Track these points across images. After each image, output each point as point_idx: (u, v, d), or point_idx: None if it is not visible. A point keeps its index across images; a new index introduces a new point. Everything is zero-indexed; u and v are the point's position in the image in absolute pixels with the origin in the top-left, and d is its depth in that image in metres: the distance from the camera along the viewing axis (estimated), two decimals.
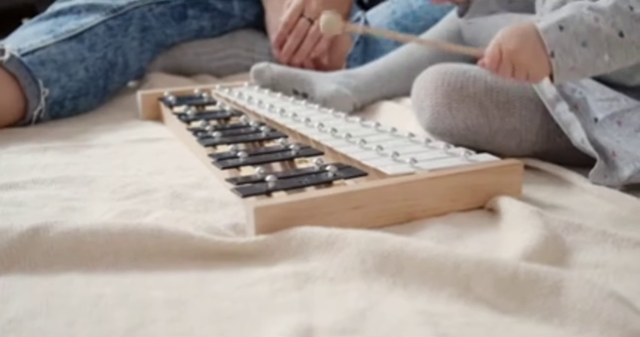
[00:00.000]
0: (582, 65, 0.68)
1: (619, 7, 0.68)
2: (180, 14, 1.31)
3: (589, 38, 0.67)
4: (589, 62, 0.68)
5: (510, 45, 0.69)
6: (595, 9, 0.68)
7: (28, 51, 1.01)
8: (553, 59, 0.68)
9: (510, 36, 0.69)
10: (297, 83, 1.09)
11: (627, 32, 0.67)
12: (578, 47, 0.68)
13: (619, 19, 0.67)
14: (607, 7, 0.68)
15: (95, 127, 1.02)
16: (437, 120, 0.82)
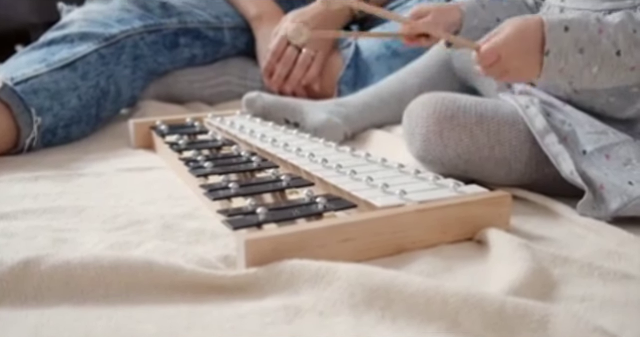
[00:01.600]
0: (570, 69, 0.70)
1: (625, 26, 0.70)
2: (172, 42, 1.32)
3: (587, 46, 0.70)
4: (578, 69, 0.70)
5: (508, 51, 0.71)
6: (602, 21, 0.70)
7: (21, 80, 1.02)
8: (546, 58, 0.70)
9: (512, 41, 0.71)
10: (288, 112, 1.10)
11: (623, 53, 0.70)
12: (574, 52, 0.70)
13: (621, 37, 0.70)
14: (614, 23, 0.70)
15: (87, 156, 1.02)
16: (428, 148, 0.83)
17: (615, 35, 0.69)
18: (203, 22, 1.38)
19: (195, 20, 1.36)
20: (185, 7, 1.37)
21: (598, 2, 0.78)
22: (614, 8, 0.77)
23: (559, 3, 0.83)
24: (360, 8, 0.78)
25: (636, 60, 0.70)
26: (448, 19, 0.96)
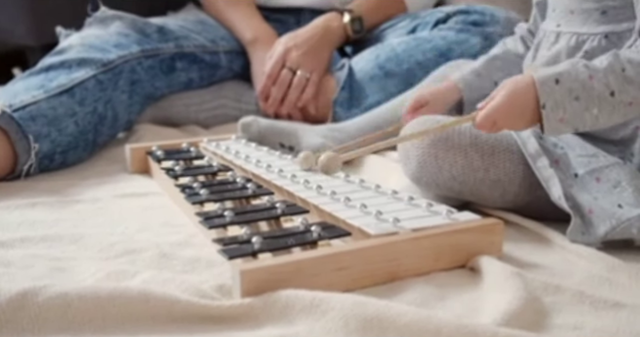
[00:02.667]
0: (570, 116, 0.72)
1: (613, 67, 0.71)
2: (169, 66, 1.33)
3: (581, 94, 0.71)
4: (578, 115, 0.72)
5: (502, 116, 0.73)
6: (590, 68, 0.72)
7: (19, 107, 1.03)
8: (544, 111, 0.72)
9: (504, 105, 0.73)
10: (283, 137, 1.11)
11: (617, 92, 0.71)
12: (570, 100, 0.72)
13: (612, 78, 0.71)
14: (602, 68, 0.72)
15: (84, 181, 1.03)
16: (423, 170, 0.84)
17: (606, 78, 0.71)
18: (199, 46, 1.39)
19: (192, 44, 1.38)
20: (182, 31, 1.38)
21: (594, 26, 0.79)
22: (611, 31, 0.78)
23: (555, 28, 0.84)
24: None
25: (632, 96, 0.71)
26: (447, 102, 1.00)
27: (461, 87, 0.98)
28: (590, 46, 0.80)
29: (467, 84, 0.99)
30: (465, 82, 0.99)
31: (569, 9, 0.81)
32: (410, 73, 1.19)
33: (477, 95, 0.98)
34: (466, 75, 0.99)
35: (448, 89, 1.00)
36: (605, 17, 0.78)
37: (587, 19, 0.80)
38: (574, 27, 0.81)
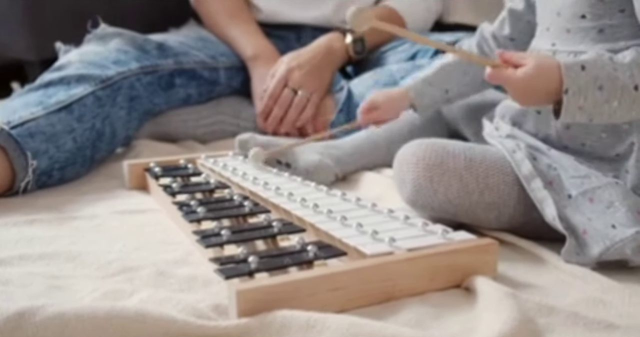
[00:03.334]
0: (590, 105, 0.72)
1: (637, 61, 0.72)
2: (168, 83, 1.34)
3: (605, 83, 0.71)
4: (598, 105, 0.72)
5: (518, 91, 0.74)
6: (614, 60, 0.72)
7: (18, 124, 1.03)
8: (565, 96, 0.71)
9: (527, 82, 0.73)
10: (280, 154, 1.11)
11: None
12: (593, 89, 0.71)
13: (636, 72, 0.72)
14: (626, 62, 0.72)
15: (82, 197, 1.04)
16: (419, 193, 0.85)
17: (631, 71, 0.72)
18: (199, 63, 1.40)
19: (191, 60, 1.39)
20: (182, 47, 1.39)
21: (591, 44, 0.80)
22: (608, 49, 0.79)
23: (550, 47, 0.85)
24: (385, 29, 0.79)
25: None
26: (398, 107, 1.06)
27: (412, 95, 1.04)
28: None
29: (418, 93, 1.03)
30: (417, 91, 1.04)
31: (565, 28, 0.82)
32: None
33: (428, 102, 1.04)
34: (418, 83, 1.04)
35: (400, 96, 1.05)
36: (602, 35, 0.79)
37: (584, 38, 0.80)
38: (570, 46, 0.81)
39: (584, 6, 0.79)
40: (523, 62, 0.73)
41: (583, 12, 0.80)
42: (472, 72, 1.01)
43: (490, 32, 1.00)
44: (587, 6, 0.79)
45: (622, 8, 0.78)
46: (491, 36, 1.00)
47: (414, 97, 1.03)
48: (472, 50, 1.01)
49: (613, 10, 0.78)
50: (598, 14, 0.79)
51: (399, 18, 1.47)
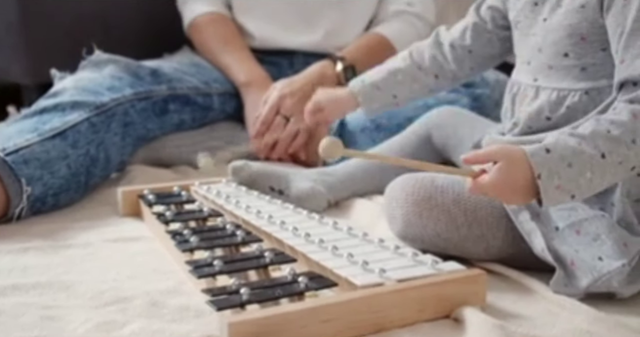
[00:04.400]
0: (566, 183, 0.71)
1: (597, 131, 0.72)
2: (162, 108, 1.35)
3: (573, 160, 0.71)
4: (573, 180, 0.72)
5: (497, 194, 0.73)
6: (576, 135, 0.73)
7: (12, 150, 1.04)
8: (540, 181, 0.71)
9: (500, 184, 0.72)
10: (273, 180, 1.13)
11: (608, 153, 0.72)
12: (564, 167, 0.71)
13: (600, 142, 0.72)
14: (587, 133, 0.72)
15: (76, 224, 1.04)
16: (408, 228, 0.86)
17: (595, 142, 0.71)
18: (192, 88, 1.41)
19: (185, 86, 1.40)
20: (176, 73, 1.41)
21: (574, 82, 0.82)
22: (591, 87, 0.81)
23: (532, 82, 0.87)
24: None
25: (621, 155, 0.72)
26: (345, 110, 1.09)
27: (360, 100, 1.06)
28: (571, 101, 0.82)
29: (367, 97, 1.05)
30: (365, 95, 1.05)
31: (547, 65, 0.84)
32: (400, 128, 1.21)
33: (377, 107, 1.05)
34: (366, 87, 1.05)
35: (346, 99, 1.07)
36: (584, 73, 0.81)
37: (567, 75, 0.82)
38: (553, 83, 0.83)
39: (567, 45, 0.81)
40: (492, 158, 0.73)
41: (566, 50, 0.81)
42: (421, 80, 1.02)
43: (448, 40, 1.01)
44: (570, 45, 0.81)
45: (603, 47, 0.79)
46: (449, 44, 1.01)
47: (362, 102, 1.05)
48: (424, 59, 1.02)
49: (595, 49, 0.80)
50: (580, 52, 0.81)
51: (389, 45, 1.49)
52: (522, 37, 0.89)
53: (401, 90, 1.04)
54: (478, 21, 0.99)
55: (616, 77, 0.76)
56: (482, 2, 1.00)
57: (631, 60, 0.74)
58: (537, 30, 0.85)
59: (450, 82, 1.06)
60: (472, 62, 1.02)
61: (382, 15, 1.55)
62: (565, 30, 0.81)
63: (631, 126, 0.72)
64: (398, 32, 1.51)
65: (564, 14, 0.81)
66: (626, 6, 0.76)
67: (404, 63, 1.04)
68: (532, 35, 0.86)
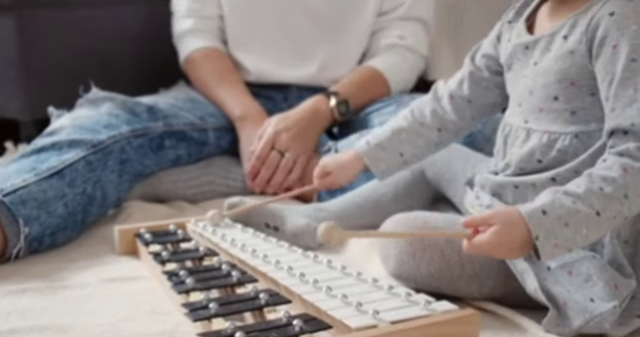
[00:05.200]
0: (562, 241, 0.73)
1: (591, 190, 0.74)
2: (158, 145, 1.37)
3: (569, 219, 0.73)
4: (569, 238, 0.73)
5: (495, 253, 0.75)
6: (571, 194, 0.74)
7: (10, 191, 1.06)
8: (538, 242, 0.73)
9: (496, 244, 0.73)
10: (269, 217, 1.14)
11: (602, 211, 0.73)
12: (560, 227, 0.73)
13: (594, 200, 0.73)
14: (581, 192, 0.74)
15: (73, 264, 1.05)
16: (402, 267, 0.87)
17: (589, 200, 0.73)
18: (188, 124, 1.43)
19: (181, 122, 1.42)
20: (172, 109, 1.43)
21: (564, 125, 0.83)
22: (581, 131, 0.82)
23: (524, 124, 0.88)
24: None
25: (615, 210, 0.73)
26: (351, 173, 1.06)
27: (367, 161, 1.04)
28: (562, 145, 0.83)
29: (373, 159, 1.03)
30: (371, 157, 1.03)
31: (537, 107, 0.85)
32: None
33: (385, 168, 1.04)
34: (371, 149, 1.04)
35: (353, 160, 1.06)
36: (574, 117, 0.82)
37: (557, 119, 0.83)
38: (544, 126, 0.84)
39: (557, 89, 0.83)
40: (490, 222, 0.74)
41: (556, 94, 0.83)
42: (424, 135, 1.02)
43: (447, 92, 1.01)
44: (560, 89, 0.82)
45: (592, 92, 0.81)
46: (448, 95, 1.00)
47: (370, 163, 1.03)
48: (425, 116, 1.02)
49: (584, 94, 0.81)
50: (570, 97, 0.82)
51: (382, 78, 1.51)
52: (514, 80, 0.91)
53: (406, 148, 1.03)
54: (474, 70, 0.99)
55: (607, 124, 0.78)
56: (476, 51, 1.01)
57: (622, 109, 0.76)
58: (528, 73, 0.87)
59: (454, 134, 1.04)
60: (473, 111, 1.01)
61: (375, 49, 1.57)
62: (555, 74, 0.83)
63: (622, 182, 0.73)
64: (391, 66, 1.53)
65: (553, 58, 0.83)
66: (615, 54, 0.77)
67: (406, 121, 1.03)
68: (523, 78, 0.88)
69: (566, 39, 0.81)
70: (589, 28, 0.79)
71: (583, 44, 0.80)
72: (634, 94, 0.75)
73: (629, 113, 0.75)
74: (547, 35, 0.84)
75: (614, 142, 0.76)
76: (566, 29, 0.82)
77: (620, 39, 0.77)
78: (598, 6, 0.80)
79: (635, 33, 0.76)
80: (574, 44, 0.80)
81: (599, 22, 0.78)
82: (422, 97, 1.06)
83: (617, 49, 0.77)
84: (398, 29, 1.55)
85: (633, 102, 0.75)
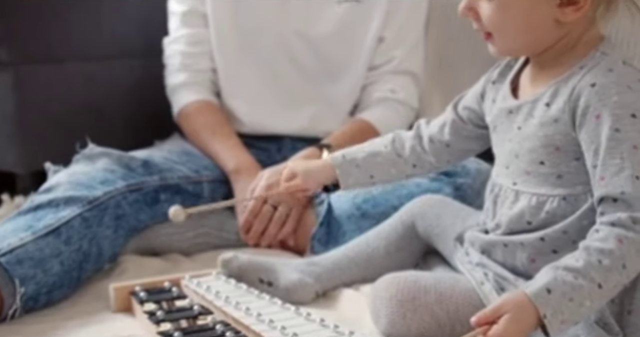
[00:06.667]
0: (569, 316, 0.75)
1: (590, 263, 0.76)
2: (153, 199, 1.38)
3: (573, 294, 0.75)
4: (575, 312, 0.76)
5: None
6: (571, 269, 0.76)
7: (7, 251, 1.07)
8: (546, 320, 0.75)
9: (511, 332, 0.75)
10: (262, 272, 1.15)
11: (603, 283, 0.76)
12: (565, 303, 0.75)
13: (594, 273, 0.76)
14: (581, 266, 0.76)
15: (67, 323, 1.06)
16: (393, 328, 0.89)
17: (590, 275, 0.75)
18: (183, 178, 1.45)
19: (176, 176, 1.44)
20: (167, 163, 1.45)
21: (551, 188, 0.85)
22: (568, 194, 0.84)
23: (512, 186, 0.90)
24: None
25: (615, 280, 0.76)
26: (319, 179, 1.08)
27: (338, 172, 1.06)
28: (550, 207, 0.85)
29: (344, 172, 1.06)
30: (343, 170, 1.06)
31: (524, 170, 0.87)
32: (384, 215, 1.24)
33: (352, 183, 1.07)
34: (346, 162, 1.06)
35: (324, 168, 1.08)
36: (561, 180, 0.85)
37: (545, 182, 0.86)
38: (532, 188, 0.87)
39: (542, 154, 0.85)
40: (500, 313, 0.76)
41: (541, 159, 0.85)
42: (399, 166, 1.05)
43: (427, 133, 1.05)
44: (545, 154, 0.85)
45: (577, 157, 0.83)
46: (428, 137, 1.04)
47: (339, 175, 1.06)
48: (404, 149, 1.06)
49: (569, 158, 0.84)
50: (556, 161, 0.85)
51: (374, 130, 1.54)
52: (499, 142, 0.93)
53: (379, 172, 1.06)
54: (456, 119, 1.03)
55: (596, 191, 0.80)
56: (459, 100, 1.04)
57: (610, 177, 0.78)
58: (513, 137, 0.89)
59: (427, 171, 1.10)
60: (450, 155, 1.06)
61: (367, 102, 1.60)
62: (540, 140, 0.85)
63: (619, 253, 0.76)
64: (382, 119, 1.56)
65: (537, 125, 0.86)
66: (599, 125, 0.80)
67: (385, 149, 1.07)
68: (508, 141, 0.90)
69: (549, 106, 0.84)
70: (571, 98, 0.82)
71: (566, 112, 0.82)
72: (622, 163, 0.78)
73: (617, 182, 0.77)
74: (530, 102, 0.87)
75: (603, 209, 0.79)
76: (548, 96, 0.85)
77: (603, 109, 0.79)
78: (579, 76, 0.82)
79: (617, 104, 0.79)
80: (558, 112, 0.83)
81: (581, 92, 0.81)
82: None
83: (600, 119, 0.79)
84: (389, 83, 1.58)
85: (621, 171, 0.78)
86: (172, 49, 1.61)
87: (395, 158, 1.06)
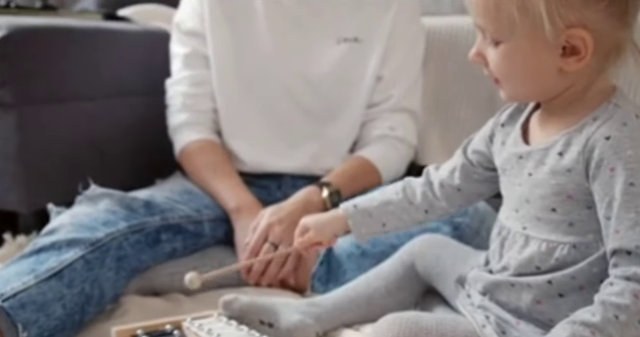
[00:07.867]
0: None
1: (607, 318, 0.77)
2: (154, 239, 1.39)
3: None
4: None
5: None
6: (588, 324, 0.77)
7: (10, 296, 1.08)
8: None
9: None
10: (263, 314, 1.16)
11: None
12: None
13: (611, 329, 0.77)
14: (598, 322, 0.77)
15: None
16: None
17: (607, 330, 0.76)
18: (184, 217, 1.46)
19: (177, 215, 1.45)
20: (168, 203, 1.46)
21: (562, 235, 0.86)
22: (578, 242, 0.85)
23: (522, 231, 0.90)
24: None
25: (633, 335, 0.77)
26: (331, 231, 1.11)
27: (351, 223, 1.08)
28: (560, 254, 0.86)
29: (357, 223, 1.08)
30: (355, 220, 1.08)
31: (535, 216, 0.88)
32: (384, 254, 1.25)
33: (366, 232, 1.08)
34: (358, 212, 1.08)
35: (335, 220, 1.10)
36: (572, 228, 0.85)
37: (556, 229, 0.86)
38: (542, 234, 0.87)
39: (554, 201, 0.86)
40: None
41: (553, 206, 0.86)
42: (411, 213, 1.07)
43: (438, 179, 1.06)
44: (557, 201, 0.86)
45: (589, 205, 0.84)
46: (438, 183, 1.05)
47: (352, 225, 1.08)
48: (416, 197, 1.07)
49: (581, 206, 0.85)
50: (567, 209, 0.85)
51: (374, 168, 1.56)
52: (509, 185, 0.94)
53: (391, 219, 1.08)
54: (466, 163, 1.04)
55: (610, 243, 0.81)
56: (468, 144, 1.05)
57: (625, 231, 0.79)
58: (523, 182, 0.90)
59: (439, 216, 1.10)
60: (461, 199, 1.06)
61: (366, 139, 1.63)
62: (552, 188, 0.86)
63: (635, 309, 0.77)
64: (382, 156, 1.58)
65: (549, 173, 0.86)
66: (613, 177, 0.81)
67: (397, 197, 1.08)
68: (518, 186, 0.91)
69: (562, 155, 0.85)
70: (585, 149, 0.83)
71: (580, 163, 0.83)
72: (636, 216, 0.79)
73: (632, 236, 0.79)
74: (542, 149, 0.88)
75: (617, 261, 0.80)
76: (560, 145, 0.85)
77: (617, 163, 0.80)
78: (593, 127, 0.83)
79: (631, 158, 0.80)
80: (571, 162, 0.84)
81: (595, 145, 0.82)
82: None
83: (614, 172, 0.80)
84: (388, 121, 1.61)
85: (636, 225, 0.79)
86: (175, 90, 1.64)
87: (407, 205, 1.07)
